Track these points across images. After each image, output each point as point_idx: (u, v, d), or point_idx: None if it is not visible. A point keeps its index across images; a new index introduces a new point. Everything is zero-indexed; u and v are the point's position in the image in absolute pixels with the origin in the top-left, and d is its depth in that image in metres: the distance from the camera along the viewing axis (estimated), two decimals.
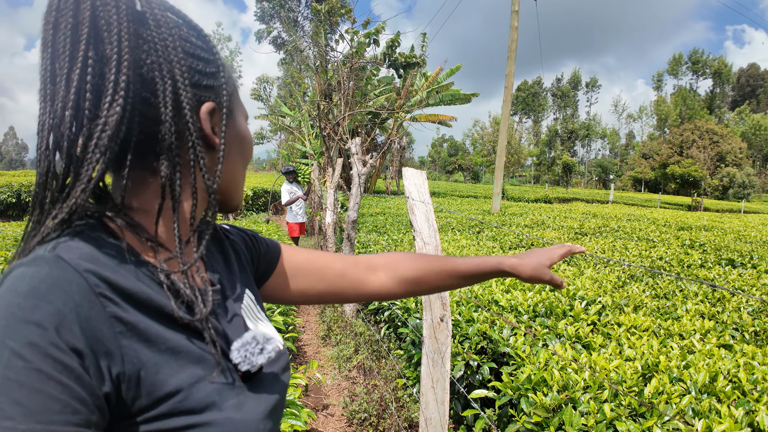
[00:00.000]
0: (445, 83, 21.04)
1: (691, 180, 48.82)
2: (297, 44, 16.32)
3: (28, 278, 0.47)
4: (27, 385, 0.43)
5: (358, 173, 4.74)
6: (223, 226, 0.86)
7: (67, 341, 0.46)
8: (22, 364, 0.43)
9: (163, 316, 0.56)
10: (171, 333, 0.56)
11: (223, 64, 0.66)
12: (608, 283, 4.16)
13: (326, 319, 4.97)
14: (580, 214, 14.13)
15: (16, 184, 14.98)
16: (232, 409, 0.57)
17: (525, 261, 1.00)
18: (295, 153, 20.57)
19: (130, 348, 0.51)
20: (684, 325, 3.01)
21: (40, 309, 0.45)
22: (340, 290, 0.94)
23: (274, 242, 0.93)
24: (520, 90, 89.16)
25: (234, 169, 0.71)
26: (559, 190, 44.69)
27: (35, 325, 0.45)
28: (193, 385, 0.55)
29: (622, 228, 9.57)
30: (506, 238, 7.55)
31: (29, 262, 0.49)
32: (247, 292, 0.77)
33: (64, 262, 0.49)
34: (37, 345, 0.44)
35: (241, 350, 0.61)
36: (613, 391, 2.01)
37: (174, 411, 0.52)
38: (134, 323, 0.52)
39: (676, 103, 78.13)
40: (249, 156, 0.76)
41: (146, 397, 0.51)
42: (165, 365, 0.53)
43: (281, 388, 0.68)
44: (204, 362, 0.57)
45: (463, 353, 2.69)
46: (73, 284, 0.48)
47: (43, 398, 0.43)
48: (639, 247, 6.74)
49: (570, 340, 2.73)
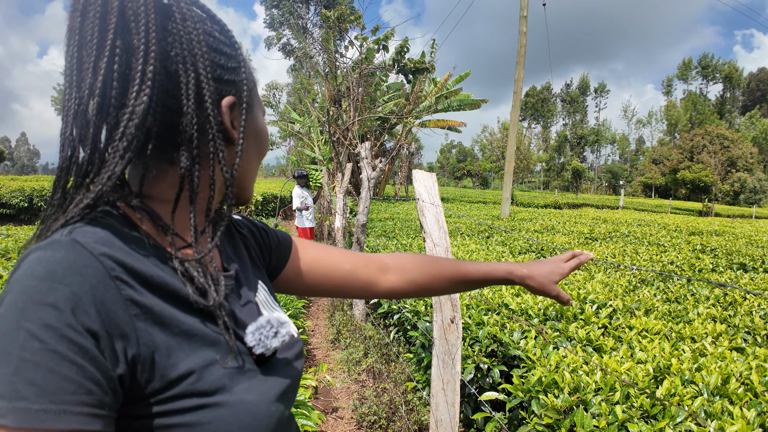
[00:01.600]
0: (454, 89, 21.07)
1: (701, 185, 48.35)
2: (306, 51, 16.42)
3: (45, 261, 0.48)
4: (42, 366, 0.43)
5: (368, 177, 4.76)
6: (235, 218, 0.87)
7: (82, 323, 0.46)
8: (38, 345, 0.44)
9: (178, 300, 0.57)
10: (185, 316, 0.56)
11: (244, 60, 0.67)
12: (619, 287, 4.14)
13: (335, 322, 4.98)
14: (590, 219, 14.06)
15: (28, 189, 15.15)
16: (244, 392, 0.57)
17: (535, 273, 1.00)
18: (305, 159, 20.65)
19: (145, 330, 0.52)
20: (695, 328, 2.98)
21: (56, 291, 0.46)
22: (349, 288, 0.95)
23: (285, 235, 0.93)
24: (529, 96, 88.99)
25: (249, 163, 0.72)
26: (568, 196, 44.46)
27: (51, 307, 0.45)
28: (205, 367, 0.55)
29: (633, 233, 9.51)
30: (516, 243, 7.53)
31: (46, 246, 0.50)
32: (260, 283, 0.79)
33: (81, 246, 0.50)
34: (53, 326, 0.45)
35: (255, 333, 0.62)
36: (625, 393, 2.00)
37: (186, 393, 0.53)
38: (149, 306, 0.53)
39: (686, 108, 77.61)
40: (265, 151, 0.78)
41: (159, 379, 0.52)
42: (178, 348, 0.54)
43: (294, 374, 0.69)
44: (217, 345, 0.58)
45: (474, 356, 2.68)
46: (89, 267, 0.49)
47: (58, 379, 0.44)
48: (650, 252, 6.70)
49: (581, 343, 2.72)
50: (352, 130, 10.89)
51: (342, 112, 12.33)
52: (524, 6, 15.60)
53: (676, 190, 54.78)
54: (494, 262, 1.02)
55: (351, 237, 8.31)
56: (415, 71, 16.22)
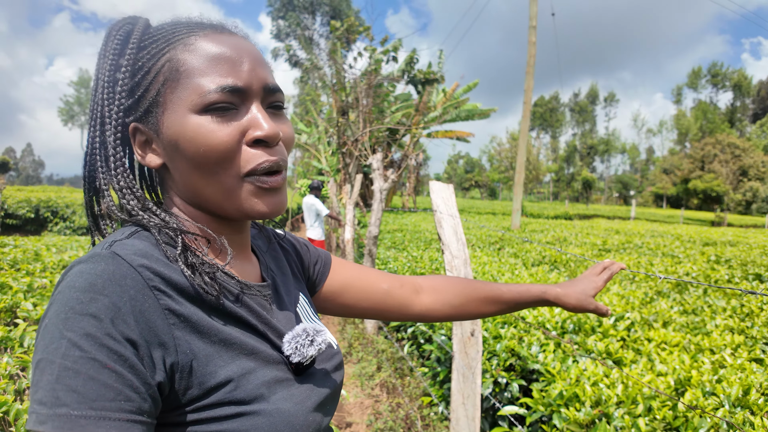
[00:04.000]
0: (462, 99, 21.11)
1: (713, 195, 47.96)
2: (314, 62, 16.54)
3: (86, 274, 0.49)
4: (82, 373, 0.45)
5: (380, 188, 4.74)
6: (278, 232, 0.88)
7: (122, 332, 0.48)
8: (79, 353, 0.45)
9: (215, 309, 0.58)
10: (223, 326, 0.57)
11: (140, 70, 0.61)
12: (636, 299, 4.08)
13: (347, 336, 4.94)
14: (602, 230, 13.94)
15: (34, 200, 15.28)
16: (281, 401, 0.58)
17: (569, 291, 0.99)
18: (311, 170, 20.73)
19: (183, 339, 0.53)
20: (714, 340, 2.95)
21: (96, 302, 0.47)
22: (385, 308, 0.94)
23: (326, 253, 0.94)
24: (538, 105, 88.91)
25: (186, 177, 0.62)
26: (579, 207, 44.27)
27: (92, 317, 0.47)
28: (243, 376, 0.56)
29: (646, 244, 9.41)
30: (528, 254, 7.47)
31: (87, 259, 0.51)
32: (301, 296, 0.80)
33: (120, 258, 0.52)
34: (94, 335, 0.46)
35: (292, 342, 0.63)
36: (647, 405, 1.96)
37: (224, 401, 0.54)
38: (187, 315, 0.54)
39: (696, 116, 77.14)
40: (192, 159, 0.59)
41: (198, 387, 0.53)
42: (217, 356, 0.55)
43: (333, 385, 0.69)
44: (256, 354, 0.59)
45: (491, 370, 2.64)
46: (128, 278, 0.50)
47: (98, 386, 0.45)
48: (664, 263, 6.62)
49: (600, 356, 2.68)
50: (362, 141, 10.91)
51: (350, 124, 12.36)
52: (533, 16, 15.64)
53: (688, 200, 54.38)
54: (528, 284, 1.01)
55: (361, 249, 8.28)
56: (425, 82, 16.27)
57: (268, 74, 0.64)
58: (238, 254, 0.70)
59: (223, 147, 0.58)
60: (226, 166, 0.59)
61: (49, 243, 6.73)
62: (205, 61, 0.59)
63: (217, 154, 0.58)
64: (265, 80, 0.62)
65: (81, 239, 8.24)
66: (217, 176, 0.60)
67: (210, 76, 0.58)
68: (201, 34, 0.61)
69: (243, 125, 0.60)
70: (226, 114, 0.59)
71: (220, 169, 0.59)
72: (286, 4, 44.12)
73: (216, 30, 0.63)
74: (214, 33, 0.62)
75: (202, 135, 0.58)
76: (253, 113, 0.61)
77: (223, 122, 0.59)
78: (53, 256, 4.94)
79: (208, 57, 0.59)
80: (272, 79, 0.64)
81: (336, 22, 13.83)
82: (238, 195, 0.61)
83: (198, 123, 0.58)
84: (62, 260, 4.65)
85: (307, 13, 45.04)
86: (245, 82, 0.60)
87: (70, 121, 67.88)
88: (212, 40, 0.61)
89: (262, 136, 0.59)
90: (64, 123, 67.51)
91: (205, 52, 0.59)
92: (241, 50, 0.61)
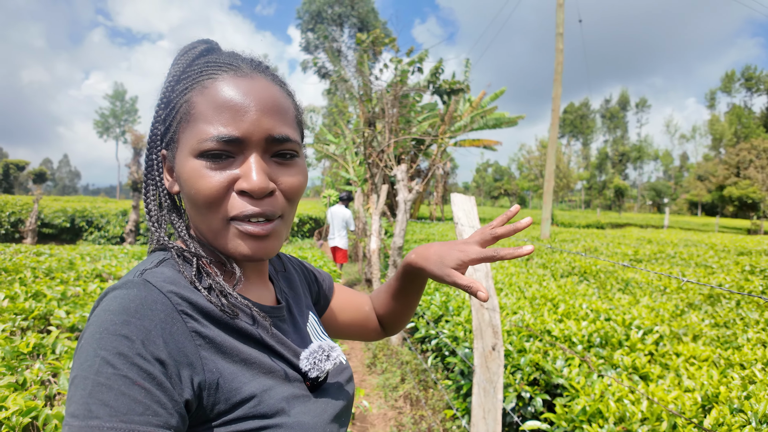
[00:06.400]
0: (489, 107, 20.95)
1: (749, 202, 46.22)
2: (342, 73, 16.70)
3: (120, 299, 0.54)
4: (114, 389, 0.48)
5: (404, 199, 4.74)
6: (288, 257, 0.94)
7: (151, 352, 0.51)
8: (111, 370, 0.49)
9: (237, 331, 0.62)
10: (244, 346, 0.62)
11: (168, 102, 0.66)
12: (666, 312, 3.97)
13: (372, 346, 4.93)
14: (634, 239, 13.59)
15: (70, 209, 15.73)
16: (301, 414, 0.62)
17: (428, 254, 0.83)
18: (339, 180, 20.85)
19: (209, 359, 0.57)
20: (744, 354, 2.84)
21: (129, 324, 0.52)
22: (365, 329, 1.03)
23: (329, 276, 1.01)
24: (568, 112, 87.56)
25: (188, 210, 0.67)
26: (611, 215, 43.33)
27: (124, 338, 0.51)
28: (265, 392, 0.60)
29: (679, 254, 9.12)
30: (557, 265, 7.34)
31: (121, 286, 0.56)
32: (311, 314, 0.85)
33: (151, 285, 0.56)
34: (125, 354, 0.50)
35: (309, 358, 0.68)
36: (672, 423, 1.90)
37: (248, 415, 0.58)
38: (212, 337, 0.58)
39: (730, 121, 74.61)
40: (188, 197, 0.64)
41: (224, 402, 0.57)
42: (240, 374, 0.59)
43: (346, 397, 0.74)
44: (273, 373, 0.63)
45: (515, 384, 2.60)
46: (158, 303, 0.55)
47: (128, 401, 0.48)
48: (697, 274, 6.41)
49: (626, 371, 2.61)
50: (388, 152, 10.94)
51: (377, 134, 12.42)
52: (560, 23, 15.48)
53: (723, 207, 52.57)
54: None
55: (387, 259, 8.28)
56: (450, 92, 16.24)
57: (275, 124, 0.64)
58: (255, 280, 0.75)
59: (208, 192, 0.61)
60: (214, 209, 0.63)
61: (83, 252, 6.94)
62: (212, 107, 0.62)
63: (203, 198, 0.62)
64: (269, 131, 0.63)
65: (114, 248, 8.46)
66: (207, 216, 0.63)
67: (212, 124, 0.61)
68: (222, 77, 0.63)
69: (233, 175, 0.62)
70: (220, 162, 0.62)
71: (208, 211, 0.63)
72: (315, 16, 44.77)
73: (238, 73, 0.64)
74: (235, 77, 0.64)
75: (193, 179, 0.62)
76: (248, 164, 0.62)
77: (215, 169, 0.61)
78: (87, 265, 5.08)
79: (215, 104, 0.62)
80: (281, 128, 0.65)
81: (362, 35, 13.96)
82: (224, 236, 0.64)
83: (193, 167, 0.62)
84: (95, 269, 4.77)
85: (336, 25, 45.58)
86: (244, 133, 0.61)
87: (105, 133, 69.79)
88: (228, 85, 0.63)
89: (246, 188, 0.61)
90: (99, 135, 69.47)
91: (215, 98, 0.62)
92: (253, 98, 0.63)
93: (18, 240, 14.36)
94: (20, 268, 4.66)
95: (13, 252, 6.37)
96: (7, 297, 3.11)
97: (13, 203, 15.74)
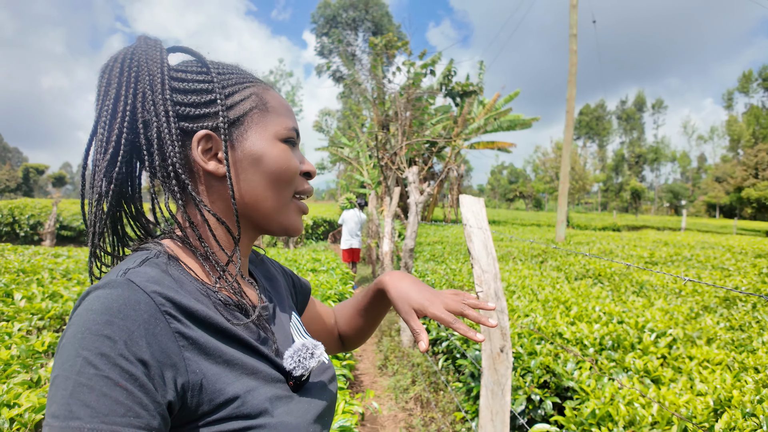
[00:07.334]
0: (503, 109, 20.86)
1: None
2: (355, 77, 16.76)
3: (103, 298, 0.53)
4: (96, 390, 0.48)
5: (415, 202, 4.74)
6: (270, 259, 0.95)
7: (134, 353, 0.51)
8: (93, 371, 0.48)
9: (220, 332, 0.62)
10: (227, 347, 0.61)
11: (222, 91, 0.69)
12: (680, 315, 3.91)
13: (383, 348, 4.94)
14: (650, 242, 13.42)
15: None
16: (284, 414, 0.62)
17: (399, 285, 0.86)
18: (354, 183, 20.91)
19: (193, 360, 0.57)
20: (759, 357, 2.78)
21: (111, 325, 0.51)
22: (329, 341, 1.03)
23: (307, 283, 1.02)
24: (583, 114, 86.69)
25: (253, 189, 0.70)
26: (627, 218, 42.81)
27: (107, 338, 0.50)
28: (248, 392, 0.60)
29: (696, 256, 8.98)
30: (572, 267, 7.28)
31: (104, 285, 0.55)
32: (293, 314, 0.85)
33: (134, 285, 0.55)
34: (107, 355, 0.49)
35: (294, 356, 0.67)
36: (682, 427, 1.87)
37: (232, 415, 0.58)
38: (195, 338, 0.58)
39: (748, 122, 73.14)
40: (272, 173, 0.70)
41: (208, 403, 0.57)
42: (223, 375, 0.59)
43: (329, 397, 0.74)
44: (256, 374, 0.63)
45: (525, 387, 2.58)
46: (141, 303, 0.54)
47: (109, 402, 0.48)
48: (713, 277, 6.31)
49: (638, 374, 2.57)
50: (400, 155, 10.95)
51: (390, 137, 12.44)
52: (573, 24, 15.37)
53: (742, 209, 51.65)
54: None
55: (399, 261, 8.29)
56: (463, 94, 16.20)
57: None
58: (239, 278, 0.75)
59: (295, 169, 0.73)
60: (291, 185, 0.74)
61: None
62: (281, 105, 0.75)
63: (291, 174, 0.73)
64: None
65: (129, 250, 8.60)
66: (283, 191, 0.73)
67: (287, 117, 0.74)
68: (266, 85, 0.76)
69: (299, 158, 0.76)
70: (293, 148, 0.75)
71: (288, 185, 0.73)
72: (330, 21, 44.97)
73: (271, 86, 0.78)
74: (273, 88, 0.77)
75: (284, 158, 0.72)
76: (300, 153, 0.78)
77: (293, 153, 0.74)
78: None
79: (281, 103, 0.75)
80: None
81: (375, 39, 13.99)
82: (287, 210, 0.74)
83: (283, 148, 0.72)
84: None
85: (350, 29, 45.72)
86: (297, 128, 0.77)
87: None
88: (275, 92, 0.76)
89: (310, 170, 0.77)
90: None
91: (278, 98, 0.75)
92: None
93: (37, 242, 14.63)
94: (38, 269, 4.74)
95: (32, 254, 6.50)
96: (25, 297, 3.18)
97: (33, 206, 16.04)
